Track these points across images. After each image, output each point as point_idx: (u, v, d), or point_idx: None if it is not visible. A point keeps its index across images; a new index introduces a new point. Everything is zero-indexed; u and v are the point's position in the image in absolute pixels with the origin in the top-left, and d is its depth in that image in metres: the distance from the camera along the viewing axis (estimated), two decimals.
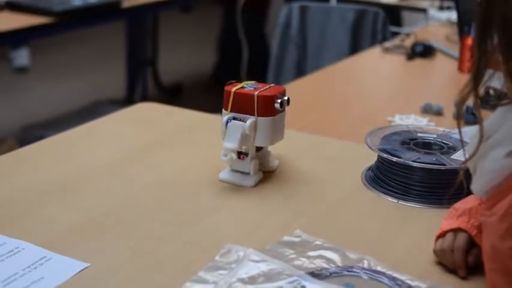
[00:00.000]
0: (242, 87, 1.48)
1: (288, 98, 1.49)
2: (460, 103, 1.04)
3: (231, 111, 1.47)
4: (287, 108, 1.51)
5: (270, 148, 1.56)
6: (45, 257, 1.18)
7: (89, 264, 1.16)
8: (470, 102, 1.01)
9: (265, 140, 1.49)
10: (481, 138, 1.01)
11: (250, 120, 1.45)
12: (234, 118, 1.46)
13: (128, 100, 4.83)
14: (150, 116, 1.95)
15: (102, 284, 1.13)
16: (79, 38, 5.93)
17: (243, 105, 1.46)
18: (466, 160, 1.06)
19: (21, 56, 5.69)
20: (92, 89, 5.37)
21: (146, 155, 1.65)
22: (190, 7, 4.84)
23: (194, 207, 1.40)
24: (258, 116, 1.45)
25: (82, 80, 5.59)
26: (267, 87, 1.49)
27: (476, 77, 1.00)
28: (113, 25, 5.06)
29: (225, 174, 1.51)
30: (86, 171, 1.55)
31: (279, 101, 1.47)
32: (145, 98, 4.89)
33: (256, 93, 1.45)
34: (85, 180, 1.50)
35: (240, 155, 1.47)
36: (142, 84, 5.01)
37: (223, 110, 1.48)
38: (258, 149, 1.52)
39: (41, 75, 5.65)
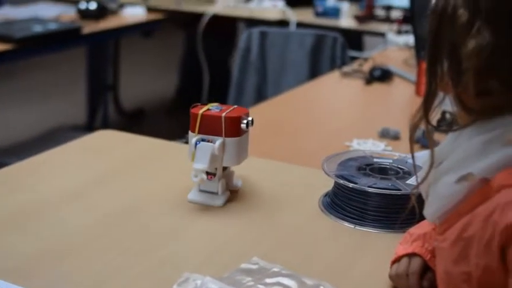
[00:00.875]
0: (208, 110, 1.51)
1: (252, 119, 1.54)
2: (412, 128, 1.06)
3: (199, 133, 1.50)
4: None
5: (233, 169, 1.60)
6: None
7: None
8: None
9: (233, 160, 1.53)
10: (432, 163, 1.04)
11: (219, 141, 1.49)
12: (203, 140, 1.49)
13: (89, 126, 4.81)
14: (110, 143, 1.96)
15: None
16: (39, 64, 5.90)
17: (211, 127, 1.50)
18: (417, 185, 1.08)
19: None
20: (53, 114, 5.34)
21: (107, 182, 1.66)
22: (152, 32, 4.84)
23: (156, 233, 1.41)
24: (225, 136, 1.50)
25: (43, 106, 5.56)
26: (232, 108, 1.54)
27: (427, 102, 1.02)
28: (73, 51, 5.05)
29: (193, 195, 1.54)
30: (46, 199, 1.55)
31: (245, 121, 1.51)
32: (106, 123, 4.88)
33: (223, 114, 1.49)
34: (45, 209, 1.50)
35: (208, 175, 1.51)
36: (104, 109, 4.99)
37: (190, 132, 1.51)
38: (224, 168, 1.55)
39: (1, 101, 5.61)
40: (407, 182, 1.48)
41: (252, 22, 4.24)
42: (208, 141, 1.49)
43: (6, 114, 5.35)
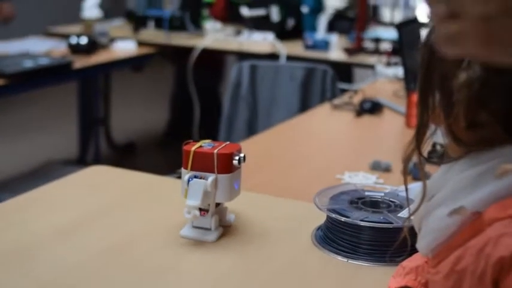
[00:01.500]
0: (200, 146, 1.53)
1: (244, 155, 1.55)
2: (405, 160, 1.07)
3: (192, 169, 1.51)
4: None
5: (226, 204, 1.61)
6: None
7: None
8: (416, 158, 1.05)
9: (225, 196, 1.54)
10: (424, 196, 1.04)
11: (212, 177, 1.50)
12: (195, 176, 1.50)
13: (81, 160, 4.82)
14: (102, 179, 1.96)
15: None
16: (30, 98, 5.92)
17: (203, 164, 1.51)
18: (409, 217, 1.08)
19: None
20: (45, 149, 5.35)
21: (101, 218, 1.66)
22: (142, 66, 4.87)
23: (150, 268, 1.41)
24: (218, 173, 1.51)
25: (34, 140, 5.57)
26: (224, 145, 1.55)
27: (419, 134, 1.04)
28: (64, 85, 5.06)
29: (186, 231, 1.55)
30: (37, 237, 1.55)
31: (237, 158, 1.53)
32: (98, 158, 4.89)
33: (215, 151, 1.50)
34: (36, 247, 1.50)
35: (201, 211, 1.52)
36: (95, 143, 5.01)
37: (183, 169, 1.52)
38: (217, 204, 1.56)
39: None
40: (399, 215, 1.49)
41: (242, 55, 4.27)
42: (200, 177, 1.50)
43: None
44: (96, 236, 1.56)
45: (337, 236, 1.49)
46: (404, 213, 1.49)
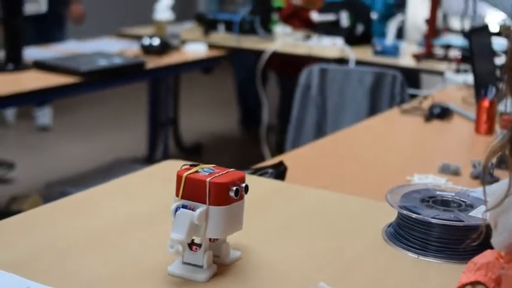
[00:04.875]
0: (196, 172, 1.35)
1: (247, 185, 1.37)
2: (490, 154, 1.09)
3: (182, 197, 1.34)
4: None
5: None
6: None
7: None
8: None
9: (218, 232, 1.35)
10: (508, 192, 1.06)
11: (200, 209, 1.31)
12: (184, 206, 1.33)
13: (149, 159, 4.90)
14: (174, 173, 2.01)
15: None
16: (102, 98, 6.06)
17: (195, 192, 1.33)
18: (486, 211, 1.10)
19: (45, 115, 5.80)
20: (114, 147, 5.46)
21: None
22: (212, 69, 4.94)
23: None
24: (209, 204, 1.32)
25: (104, 139, 5.69)
26: (225, 172, 1.36)
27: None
28: (135, 85, 5.17)
29: (174, 268, 1.38)
30: (111, 226, 1.61)
31: (234, 188, 1.33)
32: (166, 157, 4.96)
33: (208, 179, 1.32)
34: (110, 235, 1.56)
35: (193, 246, 1.36)
36: (164, 143, 5.09)
37: (174, 197, 1.36)
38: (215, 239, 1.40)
39: (63, 134, 5.76)
40: (470, 214, 1.51)
41: (311, 60, 4.31)
42: (190, 208, 1.32)
43: (69, 146, 5.49)
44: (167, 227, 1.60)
45: (408, 233, 1.52)
46: (475, 213, 1.51)
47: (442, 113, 2.85)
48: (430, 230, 1.49)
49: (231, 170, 1.39)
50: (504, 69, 1.05)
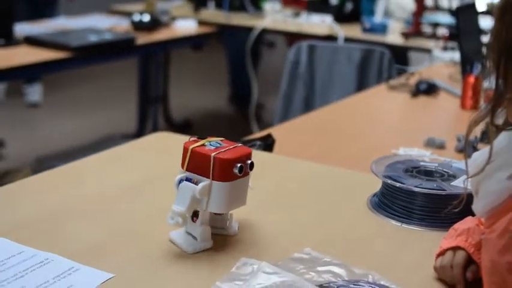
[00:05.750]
0: (202, 145, 1.34)
1: (252, 162, 1.36)
2: (472, 124, 1.12)
3: (187, 170, 1.33)
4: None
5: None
6: (73, 267, 1.27)
7: (114, 275, 1.25)
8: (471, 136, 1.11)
9: (220, 207, 1.34)
10: (489, 159, 1.10)
11: (203, 183, 1.31)
12: (188, 179, 1.33)
13: (139, 135, 4.92)
14: (165, 144, 2.05)
15: None
16: (91, 73, 6.06)
17: (199, 166, 1.32)
18: (469, 177, 1.14)
19: (35, 92, 5.81)
20: (104, 124, 5.48)
21: (164, 179, 1.74)
22: (201, 46, 4.96)
23: None
24: (213, 179, 1.31)
25: (94, 115, 5.70)
26: (231, 147, 1.35)
27: (497, 100, 1.08)
28: (125, 62, 5.18)
29: (174, 235, 1.39)
30: (106, 193, 1.65)
31: (239, 165, 1.31)
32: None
33: (213, 154, 1.31)
34: (105, 201, 1.60)
35: (194, 217, 1.36)
36: (153, 119, 5.12)
37: (180, 168, 1.35)
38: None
39: (53, 111, 5.77)
40: (452, 183, 1.55)
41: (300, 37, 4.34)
42: (194, 181, 1.32)
43: (59, 122, 5.51)
44: (160, 194, 1.63)
45: (392, 202, 1.56)
46: (458, 182, 1.55)
47: (429, 89, 2.89)
48: (413, 198, 1.53)
49: (239, 145, 1.38)
50: (488, 47, 1.08)
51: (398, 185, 1.54)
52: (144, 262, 1.32)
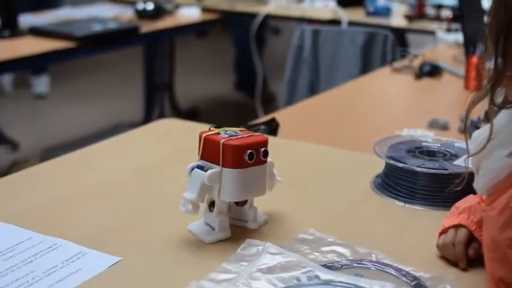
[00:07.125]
0: (217, 134, 1.34)
1: (266, 150, 1.35)
2: (472, 103, 1.14)
3: (201, 158, 1.34)
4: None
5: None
6: (81, 252, 1.29)
7: (121, 258, 1.28)
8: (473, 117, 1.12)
9: (232, 195, 1.34)
10: (490, 137, 1.12)
11: (211, 170, 1.31)
12: (200, 166, 1.33)
13: (146, 123, 4.93)
14: (171, 130, 2.07)
15: (134, 275, 1.24)
16: (97, 63, 6.08)
17: (211, 154, 1.32)
18: (470, 155, 1.16)
19: (41, 83, 5.82)
20: (110, 113, 5.50)
21: (171, 165, 1.76)
22: (206, 33, 4.97)
23: None
24: (223, 166, 1.31)
25: (101, 105, 5.72)
26: (246, 135, 1.35)
27: (496, 79, 1.09)
28: (130, 50, 5.20)
29: (193, 226, 1.39)
30: (113, 179, 1.67)
31: (248, 152, 1.31)
32: None
33: (222, 141, 1.30)
34: (112, 187, 1.62)
35: (211, 207, 1.36)
36: (160, 107, 5.14)
37: (197, 157, 1.36)
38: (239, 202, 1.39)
39: (60, 101, 5.79)
40: (455, 163, 1.57)
41: (303, 21, 4.35)
42: (205, 169, 1.32)
43: (66, 112, 5.53)
44: (167, 179, 1.66)
45: (395, 182, 1.58)
46: (460, 162, 1.56)
47: (432, 71, 2.90)
48: (415, 178, 1.54)
49: (257, 134, 1.38)
50: (487, 26, 1.09)
51: (400, 165, 1.56)
52: (151, 246, 1.34)
